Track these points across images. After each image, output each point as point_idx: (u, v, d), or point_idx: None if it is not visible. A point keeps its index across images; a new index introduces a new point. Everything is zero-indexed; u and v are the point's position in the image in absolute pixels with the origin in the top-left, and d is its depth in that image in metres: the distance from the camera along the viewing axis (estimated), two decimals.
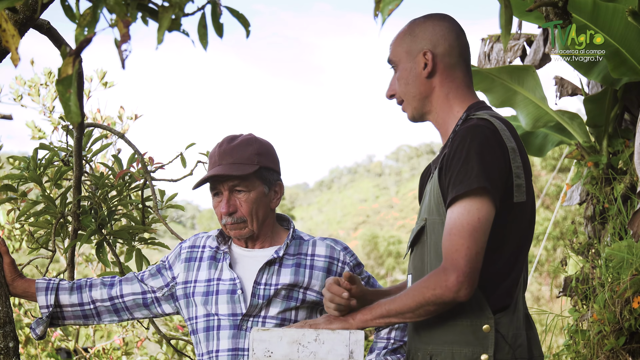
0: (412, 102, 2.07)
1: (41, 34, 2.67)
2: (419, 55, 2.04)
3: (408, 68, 2.05)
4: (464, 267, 1.84)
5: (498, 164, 1.90)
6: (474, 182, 1.86)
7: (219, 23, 1.47)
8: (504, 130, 1.95)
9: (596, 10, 4.39)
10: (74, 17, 1.43)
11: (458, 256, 1.85)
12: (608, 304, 3.66)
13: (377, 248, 25.42)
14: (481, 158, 1.88)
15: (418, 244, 2.05)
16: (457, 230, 1.86)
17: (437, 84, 2.05)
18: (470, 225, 1.85)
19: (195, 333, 2.38)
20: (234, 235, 2.37)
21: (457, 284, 1.84)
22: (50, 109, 4.98)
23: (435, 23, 2.06)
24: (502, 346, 1.93)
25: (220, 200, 2.35)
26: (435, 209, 1.98)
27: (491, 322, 1.93)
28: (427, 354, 2.00)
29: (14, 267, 2.44)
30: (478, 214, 1.86)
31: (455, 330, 1.95)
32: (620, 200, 4.56)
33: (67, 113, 1.32)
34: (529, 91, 5.32)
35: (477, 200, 1.86)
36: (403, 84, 2.07)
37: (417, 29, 2.06)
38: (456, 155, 1.91)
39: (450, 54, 2.04)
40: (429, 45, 2.03)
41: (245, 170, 2.31)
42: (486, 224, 1.87)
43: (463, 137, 1.92)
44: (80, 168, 2.94)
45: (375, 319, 1.96)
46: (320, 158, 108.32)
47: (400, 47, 2.07)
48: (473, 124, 1.95)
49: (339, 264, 2.39)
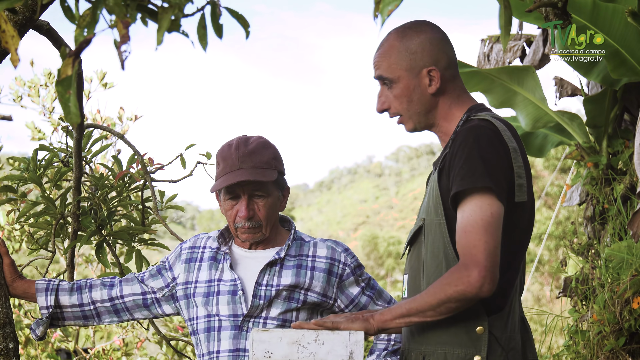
0: (415, 117, 2.07)
1: (41, 34, 2.67)
2: (422, 73, 2.02)
3: (411, 86, 2.03)
4: (485, 261, 1.83)
5: (501, 164, 1.91)
6: (479, 180, 1.86)
7: (219, 24, 1.47)
8: (505, 130, 1.96)
9: (596, 11, 4.40)
10: (73, 18, 1.43)
11: (477, 252, 1.84)
12: (608, 305, 3.66)
13: (377, 249, 25.43)
14: (484, 158, 1.89)
15: (415, 244, 2.05)
16: (472, 227, 1.85)
17: (441, 98, 2.05)
18: (484, 220, 1.85)
19: (196, 334, 2.38)
20: (245, 239, 2.37)
21: (479, 279, 1.83)
22: (50, 110, 4.98)
23: (429, 37, 2.03)
24: (495, 348, 1.92)
25: (235, 204, 2.34)
26: (434, 210, 1.98)
27: (485, 323, 1.92)
28: (420, 354, 1.99)
29: (14, 268, 2.44)
30: (490, 209, 1.86)
31: (448, 331, 1.95)
32: (620, 200, 4.56)
33: (67, 114, 1.32)
34: (528, 92, 5.32)
35: (485, 197, 1.87)
36: (405, 102, 2.04)
37: (413, 45, 2.03)
38: (458, 154, 1.91)
39: (450, 66, 2.05)
40: (431, 61, 2.02)
41: (270, 177, 2.31)
42: (499, 220, 1.87)
43: (465, 137, 1.92)
44: (80, 169, 2.94)
45: (396, 318, 1.94)
46: (320, 159, 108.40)
47: (396, 64, 2.03)
48: (474, 125, 1.95)
49: (340, 265, 2.39)
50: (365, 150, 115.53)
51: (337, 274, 2.38)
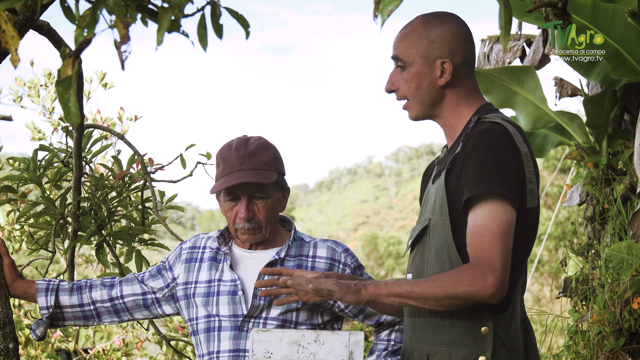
0: (420, 106, 2.06)
1: (41, 35, 2.67)
2: (436, 62, 2.01)
3: (422, 73, 2.02)
4: (501, 269, 1.83)
5: (514, 169, 1.91)
6: (494, 186, 1.86)
7: (219, 24, 1.47)
8: (516, 134, 1.95)
9: (596, 11, 4.40)
10: (73, 18, 1.43)
11: (493, 257, 1.83)
12: (608, 305, 3.66)
13: (377, 249, 25.40)
14: (498, 163, 1.88)
15: (419, 244, 2.05)
16: (487, 231, 1.85)
17: (449, 92, 2.04)
18: (499, 226, 1.85)
19: (196, 334, 2.38)
20: (245, 239, 2.37)
21: (495, 286, 1.82)
22: (50, 110, 4.98)
23: (452, 29, 2.03)
24: (499, 348, 1.92)
25: (235, 205, 2.34)
26: (439, 210, 1.97)
27: (490, 324, 1.92)
28: (424, 353, 1.99)
29: (14, 268, 2.44)
30: (505, 216, 1.86)
31: (453, 331, 1.95)
32: (620, 201, 4.56)
33: (67, 114, 1.32)
34: (528, 92, 5.32)
35: (500, 203, 1.86)
36: (414, 87, 2.04)
37: (434, 33, 2.02)
38: (471, 157, 1.90)
39: (466, 63, 2.03)
40: (448, 54, 2.01)
41: (270, 178, 2.30)
42: (512, 227, 1.87)
43: (478, 140, 1.92)
44: (80, 169, 2.94)
45: (391, 295, 1.91)
46: (320, 159, 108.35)
47: (413, 49, 2.03)
48: (487, 128, 1.94)
49: (340, 265, 2.39)
50: (365, 151, 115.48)
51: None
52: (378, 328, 2.48)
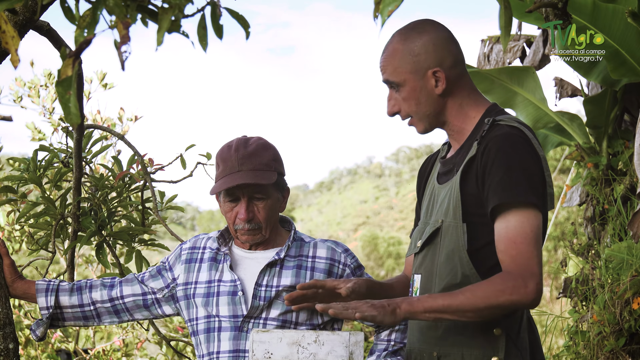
0: (425, 119, 2.05)
1: (41, 35, 2.67)
2: (427, 74, 2.00)
3: (417, 88, 2.01)
4: (539, 275, 1.86)
5: (538, 175, 1.92)
6: (524, 193, 1.87)
7: (219, 24, 1.47)
8: (533, 138, 1.96)
9: (596, 12, 4.40)
10: (73, 18, 1.43)
11: (533, 263, 1.85)
12: (608, 305, 3.66)
13: (377, 249, 25.40)
14: (525, 169, 1.89)
15: (430, 245, 2.04)
16: (523, 238, 1.86)
17: (449, 98, 2.03)
18: (533, 233, 1.87)
19: (196, 334, 2.38)
20: (245, 240, 2.37)
21: (535, 292, 1.84)
22: (50, 111, 4.98)
23: (432, 37, 2.01)
24: (511, 349, 1.93)
25: (235, 206, 2.34)
26: (453, 213, 1.97)
27: (502, 325, 1.93)
28: (435, 354, 1.99)
29: (14, 269, 2.44)
30: (536, 222, 1.88)
31: (465, 332, 1.95)
32: (620, 201, 4.56)
33: (67, 114, 1.32)
34: (528, 92, 5.32)
35: (531, 210, 1.88)
36: (414, 104, 2.03)
37: (416, 47, 2.00)
38: (495, 163, 1.90)
39: (456, 65, 2.02)
40: (436, 62, 2.00)
41: (269, 179, 2.30)
42: (541, 233, 1.90)
43: (500, 145, 1.92)
44: (80, 169, 2.94)
45: (427, 312, 1.88)
46: (320, 159, 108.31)
47: (401, 68, 2.01)
48: (507, 132, 1.94)
49: (340, 266, 2.39)
50: (365, 151, 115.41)
51: (337, 274, 2.38)
52: (378, 328, 2.48)
